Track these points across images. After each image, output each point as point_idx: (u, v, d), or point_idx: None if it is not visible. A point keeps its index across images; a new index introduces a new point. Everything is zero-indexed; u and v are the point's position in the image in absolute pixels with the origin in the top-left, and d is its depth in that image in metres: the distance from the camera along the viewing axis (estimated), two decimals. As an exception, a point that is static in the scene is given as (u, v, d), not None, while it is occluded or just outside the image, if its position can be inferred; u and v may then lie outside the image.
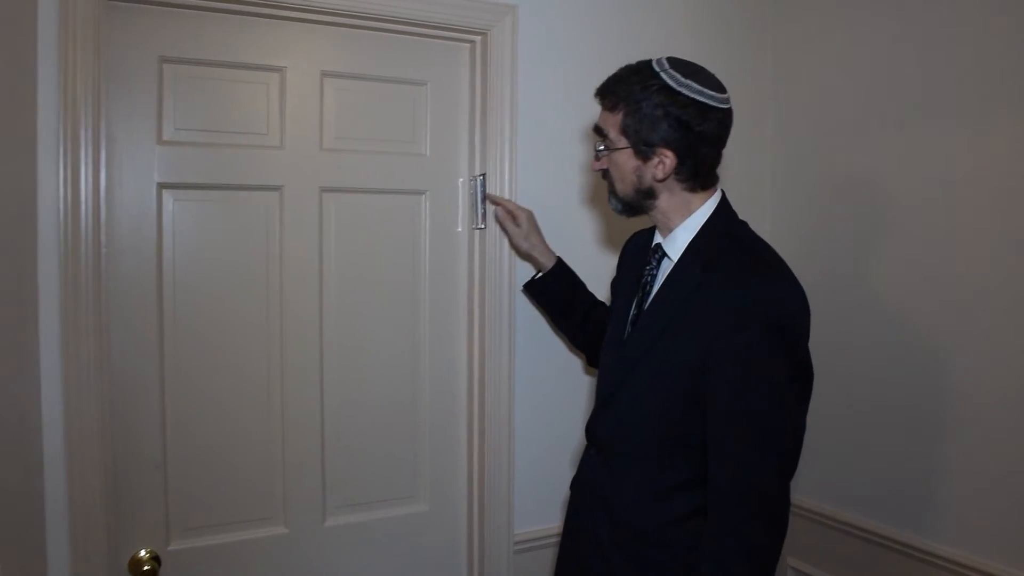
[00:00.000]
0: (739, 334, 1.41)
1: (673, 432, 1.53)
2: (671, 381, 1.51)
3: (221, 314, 1.92)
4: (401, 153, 2.11)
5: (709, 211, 1.58)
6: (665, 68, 1.50)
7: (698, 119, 1.49)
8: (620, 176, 1.59)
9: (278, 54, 1.95)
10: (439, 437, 2.20)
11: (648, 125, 1.51)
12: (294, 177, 1.97)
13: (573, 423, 2.21)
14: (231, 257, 1.93)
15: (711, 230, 1.56)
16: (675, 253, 1.58)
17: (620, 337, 1.65)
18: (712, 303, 1.46)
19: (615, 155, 1.58)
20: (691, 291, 1.50)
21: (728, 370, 1.43)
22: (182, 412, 1.89)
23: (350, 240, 2.06)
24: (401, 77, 2.09)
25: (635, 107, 1.51)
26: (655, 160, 1.53)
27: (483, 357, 2.14)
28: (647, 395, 1.56)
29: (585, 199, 2.26)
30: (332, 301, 2.04)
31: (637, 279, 1.68)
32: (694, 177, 1.55)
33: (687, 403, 1.49)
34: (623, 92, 1.53)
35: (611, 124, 1.56)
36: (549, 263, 2.04)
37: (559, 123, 2.20)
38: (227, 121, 1.91)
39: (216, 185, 1.90)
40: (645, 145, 1.52)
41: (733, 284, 1.45)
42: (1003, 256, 1.89)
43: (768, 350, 1.41)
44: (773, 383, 1.42)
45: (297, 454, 2.02)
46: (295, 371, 2.00)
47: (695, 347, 1.46)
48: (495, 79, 2.08)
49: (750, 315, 1.41)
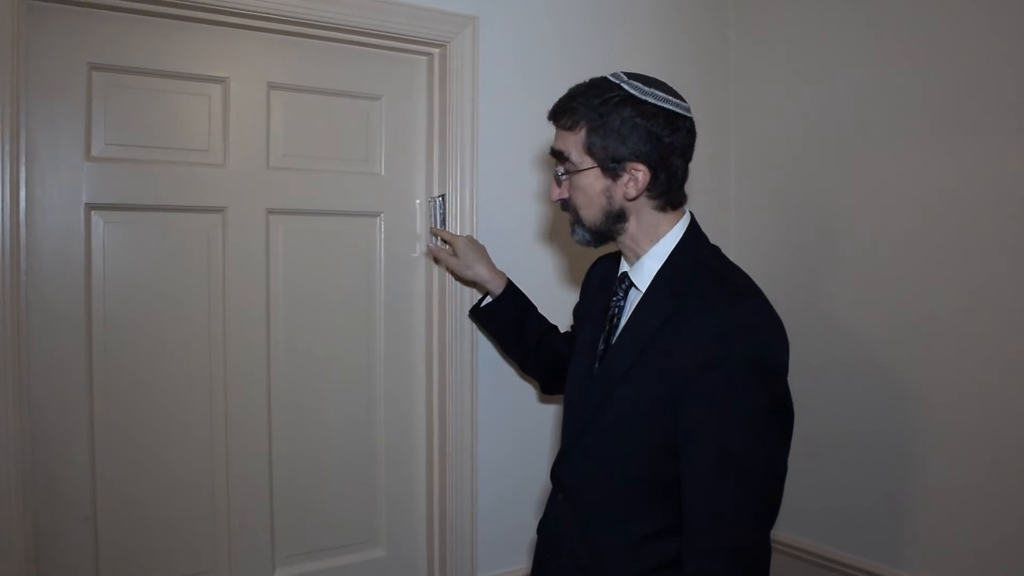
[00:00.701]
0: (713, 369, 1.30)
1: (645, 477, 1.41)
2: (641, 421, 1.39)
3: (157, 350, 1.75)
4: (354, 172, 1.98)
5: (678, 235, 1.47)
6: (624, 79, 1.41)
7: (667, 129, 1.40)
8: (586, 201, 1.47)
9: (221, 63, 1.79)
10: (396, 478, 2.05)
11: (616, 139, 1.39)
12: (238, 198, 1.82)
13: (542, 458, 2.10)
14: (168, 286, 1.76)
15: (681, 256, 1.46)
16: (643, 282, 1.47)
17: (586, 373, 1.53)
18: (684, 336, 1.35)
19: (579, 178, 1.46)
20: (661, 324, 1.39)
21: (701, 409, 1.31)
22: (113, 458, 1.71)
23: (299, 267, 1.91)
24: (354, 91, 1.96)
25: (599, 122, 1.40)
26: (625, 177, 1.42)
27: (443, 391, 2.00)
28: (615, 436, 1.43)
29: (551, 219, 2.15)
30: (280, 335, 1.89)
31: (603, 310, 1.56)
32: (666, 194, 1.44)
33: (659, 445, 1.37)
34: (583, 108, 1.42)
35: (572, 144, 1.44)
36: (497, 287, 1.91)
37: (523, 141, 2.09)
38: (164, 136, 1.74)
39: (152, 206, 1.73)
40: (613, 162, 1.41)
41: (706, 315, 1.34)
42: (969, 280, 1.87)
43: (744, 386, 1.30)
44: (751, 422, 1.31)
45: (243, 500, 1.84)
46: (240, 412, 1.84)
47: (666, 384, 1.34)
48: (455, 94, 1.97)
49: (725, 348, 1.30)
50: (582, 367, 1.55)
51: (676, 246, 1.46)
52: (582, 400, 1.50)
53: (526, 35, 2.09)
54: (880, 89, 2.05)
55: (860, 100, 2.10)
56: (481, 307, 1.94)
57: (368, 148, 1.99)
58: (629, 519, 1.43)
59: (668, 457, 1.36)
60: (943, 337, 1.92)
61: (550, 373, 1.89)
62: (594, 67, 1.55)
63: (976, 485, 1.87)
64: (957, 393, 1.90)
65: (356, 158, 1.98)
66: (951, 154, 1.91)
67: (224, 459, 1.82)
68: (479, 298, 1.96)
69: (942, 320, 1.92)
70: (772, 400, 1.33)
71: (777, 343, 1.36)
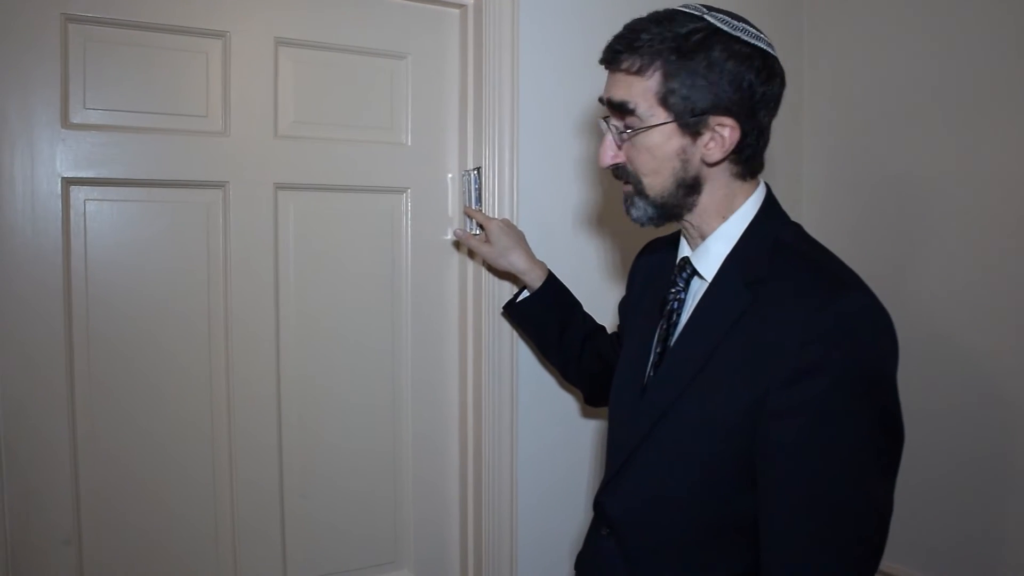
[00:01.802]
0: (806, 380, 1.02)
1: (712, 514, 1.13)
2: (709, 444, 1.11)
3: (148, 347, 1.52)
4: (376, 142, 1.72)
5: (752, 210, 1.19)
6: (705, 11, 1.11)
7: (764, 74, 1.11)
8: (653, 166, 1.17)
9: (220, 15, 1.54)
10: (426, 493, 1.80)
11: (700, 85, 1.10)
12: (242, 171, 1.57)
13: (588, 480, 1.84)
14: (161, 274, 1.52)
15: (756, 236, 1.17)
16: (709, 270, 1.19)
17: (637, 382, 1.25)
18: (766, 337, 1.07)
19: (646, 137, 1.15)
20: (735, 321, 1.11)
21: (789, 430, 1.03)
22: (99, 471, 1.49)
23: (313, 251, 1.66)
24: (376, 48, 1.70)
25: (679, 64, 1.10)
26: (707, 136, 1.13)
27: (479, 399, 1.74)
28: (676, 462, 1.16)
29: (605, 198, 1.87)
30: (291, 329, 1.64)
31: (658, 305, 1.28)
32: (751, 158, 1.16)
33: (732, 474, 1.10)
34: (654, 46, 1.11)
35: (639, 93, 1.13)
36: (536, 280, 1.63)
37: (572, 107, 1.80)
38: (154, 99, 1.50)
39: (140, 181, 1.49)
40: (693, 115, 1.12)
41: (796, 311, 1.05)
42: None
43: (846, 402, 1.02)
44: (852, 448, 1.03)
45: (250, 517, 1.61)
46: (245, 418, 1.60)
47: (743, 397, 1.07)
48: (492, 52, 1.69)
49: (821, 353, 1.02)
50: (632, 374, 1.28)
51: (749, 225, 1.18)
52: (633, 415, 1.23)
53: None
54: (974, 53, 1.73)
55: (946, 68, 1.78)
56: (516, 303, 1.67)
57: (392, 114, 1.73)
58: (691, 566, 1.16)
59: (743, 490, 1.10)
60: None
61: (596, 382, 1.61)
62: None
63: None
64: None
65: (378, 126, 1.72)
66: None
67: (228, 472, 1.59)
68: (515, 293, 1.70)
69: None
70: (880, 418, 1.05)
71: (887, 345, 1.07)
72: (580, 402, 1.86)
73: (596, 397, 1.66)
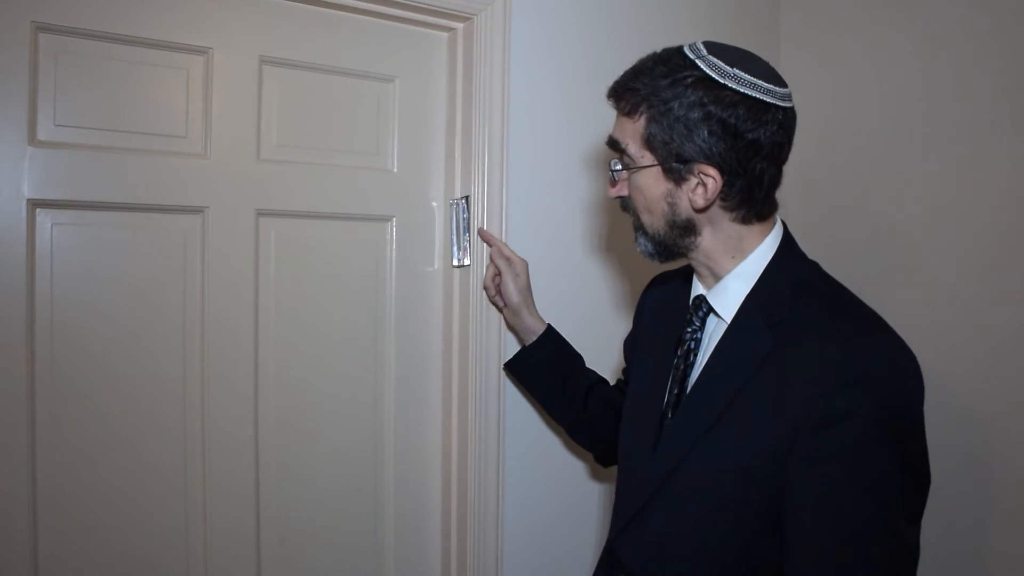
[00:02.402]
0: (836, 427, 1.00)
1: (737, 559, 1.10)
2: (733, 490, 1.08)
3: (119, 384, 1.40)
4: (362, 167, 1.64)
5: (770, 250, 1.17)
6: (702, 54, 1.09)
7: (750, 122, 1.08)
8: (646, 205, 1.18)
9: (203, 30, 1.45)
10: (407, 535, 1.71)
11: (681, 133, 1.09)
12: (222, 196, 1.47)
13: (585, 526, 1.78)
14: (134, 304, 1.41)
15: (776, 276, 1.15)
16: (727, 310, 1.16)
17: (651, 424, 1.21)
18: (793, 381, 1.04)
19: (637, 176, 1.16)
20: (759, 363, 1.08)
21: (817, 479, 1.01)
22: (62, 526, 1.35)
23: (295, 281, 1.57)
24: (363, 70, 1.63)
25: (662, 109, 1.09)
26: (692, 182, 1.12)
27: (464, 439, 1.66)
28: (700, 507, 1.12)
29: (604, 230, 1.82)
30: (270, 362, 1.54)
31: (671, 344, 1.25)
32: (747, 203, 1.13)
33: (758, 518, 1.07)
34: (646, 89, 1.11)
35: (630, 134, 1.15)
36: (536, 331, 1.59)
37: (564, 135, 1.76)
38: (130, 118, 1.40)
39: (114, 204, 1.38)
40: (678, 161, 1.11)
41: (824, 355, 1.03)
42: None
43: (877, 450, 1.00)
44: (884, 493, 1.01)
45: (224, 560, 1.49)
46: (220, 462, 1.49)
47: (768, 442, 1.04)
48: (483, 78, 1.64)
49: (851, 399, 0.99)
50: (646, 414, 1.24)
51: (768, 265, 1.16)
52: (649, 457, 1.19)
53: (569, 7, 1.76)
54: (936, 92, 1.76)
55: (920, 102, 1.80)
56: (518, 353, 1.62)
57: (378, 139, 1.66)
58: None
59: (764, 535, 1.07)
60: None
61: (605, 438, 1.56)
62: (657, 46, 1.22)
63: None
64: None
65: (364, 151, 1.64)
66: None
67: (201, 521, 1.47)
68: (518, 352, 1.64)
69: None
70: (910, 463, 1.03)
71: (916, 389, 1.05)
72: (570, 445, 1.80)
73: (607, 455, 1.60)
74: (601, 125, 1.71)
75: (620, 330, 1.79)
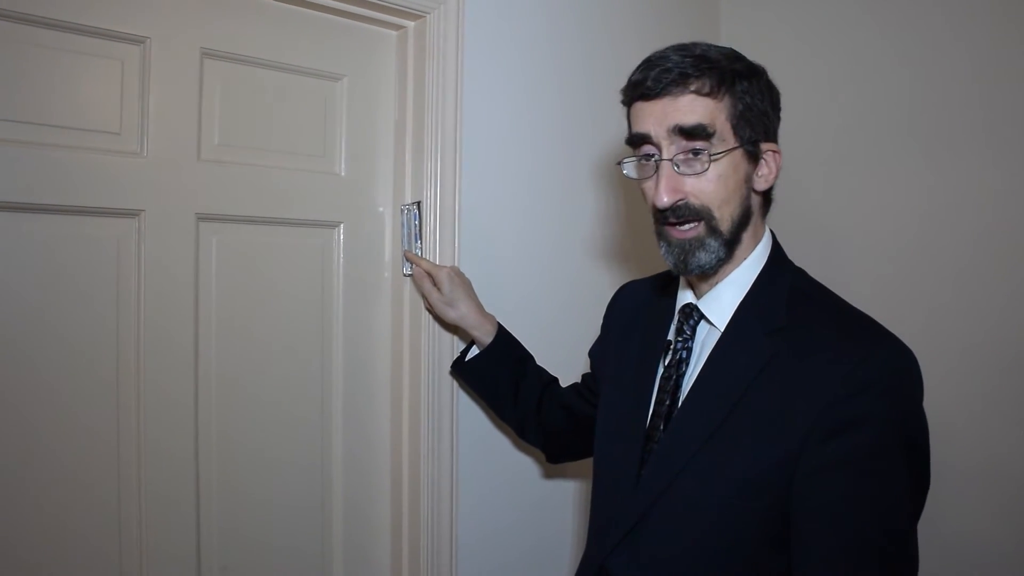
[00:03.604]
0: (846, 434, 0.98)
1: (739, 572, 1.07)
2: (738, 503, 1.05)
3: (45, 408, 1.26)
4: (308, 170, 1.55)
5: (763, 256, 1.15)
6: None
7: (778, 112, 1.15)
8: (725, 196, 1.08)
9: (140, 18, 1.33)
10: (356, 558, 1.62)
11: (759, 110, 1.09)
12: (159, 198, 1.35)
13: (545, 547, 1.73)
14: (62, 315, 1.27)
15: (770, 283, 1.13)
16: (720, 318, 1.13)
17: (637, 437, 1.17)
18: (798, 390, 1.02)
19: (723, 162, 1.07)
20: (757, 372, 1.06)
21: (829, 488, 0.99)
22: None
23: (236, 289, 1.46)
24: (310, 67, 1.54)
25: (743, 89, 1.07)
26: (761, 162, 1.11)
27: (416, 451, 1.59)
28: (700, 520, 1.08)
29: (564, 238, 1.78)
30: (210, 381, 1.43)
31: (653, 351, 1.22)
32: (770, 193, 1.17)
33: (760, 529, 1.04)
34: (724, 68, 1.06)
35: (715, 115, 1.06)
36: (486, 335, 1.52)
37: (523, 136, 1.71)
38: (58, 111, 1.26)
39: (38, 207, 1.24)
40: (751, 144, 1.09)
41: (832, 362, 1.01)
42: (989, 313, 1.65)
43: (890, 452, 0.99)
44: (893, 498, 0.99)
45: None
46: (156, 487, 1.36)
47: (772, 452, 1.02)
48: (435, 77, 1.57)
49: (862, 406, 0.98)
50: (628, 426, 1.19)
51: (762, 271, 1.14)
52: (644, 471, 1.14)
53: (525, 5, 1.71)
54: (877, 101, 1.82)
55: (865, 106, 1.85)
56: (465, 361, 1.55)
57: (326, 141, 1.57)
58: None
59: (766, 545, 1.04)
60: (962, 359, 1.70)
61: (559, 439, 1.52)
62: (615, 46, 1.20)
63: None
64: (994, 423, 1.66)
65: (311, 153, 1.55)
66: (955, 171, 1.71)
67: (137, 554, 1.34)
68: (463, 349, 1.58)
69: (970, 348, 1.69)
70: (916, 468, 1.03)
71: (920, 394, 1.06)
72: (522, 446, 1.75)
73: (559, 454, 1.56)
74: (562, 126, 1.68)
75: (582, 334, 1.74)
